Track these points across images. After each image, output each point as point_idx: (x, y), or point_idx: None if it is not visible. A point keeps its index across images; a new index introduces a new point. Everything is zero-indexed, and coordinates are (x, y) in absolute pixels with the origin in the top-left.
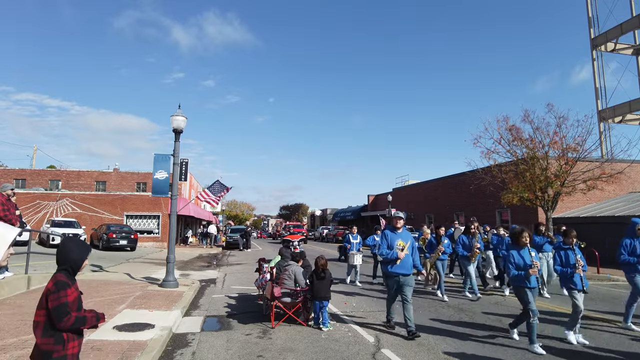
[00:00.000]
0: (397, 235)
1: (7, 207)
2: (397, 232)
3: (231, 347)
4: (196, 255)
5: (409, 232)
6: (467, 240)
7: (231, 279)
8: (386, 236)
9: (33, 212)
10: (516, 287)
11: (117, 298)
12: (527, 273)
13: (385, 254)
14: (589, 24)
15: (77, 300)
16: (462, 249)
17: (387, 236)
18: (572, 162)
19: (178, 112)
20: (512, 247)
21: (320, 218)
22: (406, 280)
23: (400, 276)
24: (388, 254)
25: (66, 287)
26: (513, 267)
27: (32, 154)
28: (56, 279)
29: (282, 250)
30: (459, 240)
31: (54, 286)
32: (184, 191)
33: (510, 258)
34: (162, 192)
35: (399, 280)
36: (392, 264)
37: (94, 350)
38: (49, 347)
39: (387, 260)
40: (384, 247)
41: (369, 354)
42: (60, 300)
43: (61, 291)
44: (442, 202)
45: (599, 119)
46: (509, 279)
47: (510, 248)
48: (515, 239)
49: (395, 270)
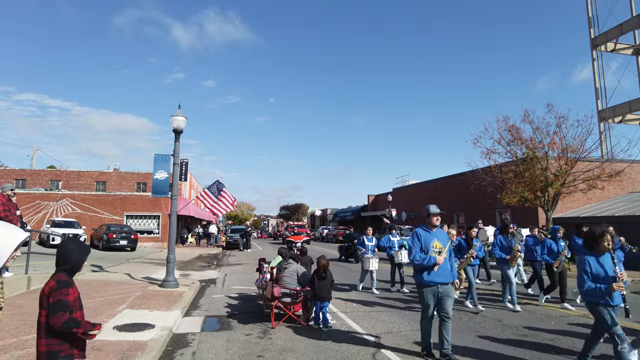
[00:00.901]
0: (431, 235)
1: (8, 207)
2: (432, 232)
3: (231, 347)
4: (196, 256)
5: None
6: (506, 242)
7: (231, 279)
8: (419, 236)
9: (33, 212)
10: (591, 304)
11: (117, 298)
12: (609, 287)
13: (420, 259)
14: (589, 24)
15: (78, 300)
16: (500, 252)
17: (420, 237)
18: (572, 162)
19: (178, 112)
20: (588, 253)
21: (320, 218)
22: (446, 290)
23: (439, 286)
24: (423, 259)
25: (68, 286)
26: (589, 279)
27: (32, 154)
28: (58, 278)
29: (281, 250)
30: (496, 242)
31: (56, 284)
32: (184, 191)
33: (585, 266)
34: (162, 192)
35: (437, 291)
36: (428, 271)
37: (94, 350)
38: (55, 347)
39: (422, 267)
40: (416, 250)
41: (369, 354)
42: (62, 297)
43: (63, 289)
44: (442, 202)
45: (599, 119)
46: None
47: (585, 253)
48: (593, 242)
49: (433, 279)
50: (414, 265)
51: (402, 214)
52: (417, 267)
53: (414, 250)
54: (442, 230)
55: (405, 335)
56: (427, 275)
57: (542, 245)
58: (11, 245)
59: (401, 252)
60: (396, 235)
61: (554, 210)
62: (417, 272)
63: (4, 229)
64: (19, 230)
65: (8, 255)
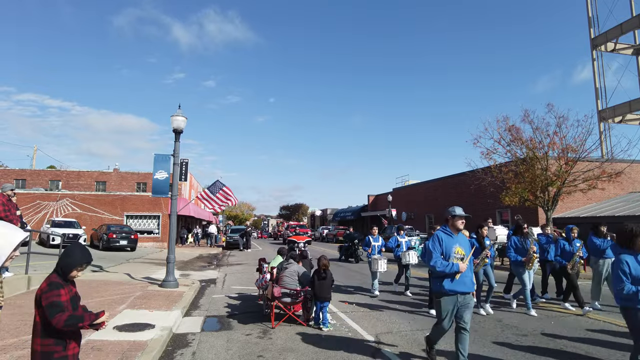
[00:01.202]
0: (453, 239)
1: (8, 207)
2: (454, 236)
3: (231, 347)
4: (196, 256)
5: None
6: (521, 243)
7: (231, 279)
8: (440, 241)
9: (33, 212)
10: (627, 309)
11: (118, 298)
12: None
13: (441, 266)
14: (589, 24)
15: (72, 301)
16: (515, 253)
17: (442, 241)
18: (572, 162)
19: (178, 112)
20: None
21: (320, 218)
22: (465, 300)
23: (459, 295)
24: (445, 267)
25: (59, 287)
26: (628, 280)
27: (32, 154)
28: (50, 279)
29: (281, 250)
30: (510, 243)
31: (47, 286)
32: (184, 191)
33: (623, 266)
34: (162, 192)
35: (456, 301)
36: (449, 279)
37: (94, 350)
38: (49, 347)
39: (442, 275)
40: (437, 256)
41: (369, 354)
42: (54, 299)
43: (54, 290)
44: (442, 202)
45: (599, 119)
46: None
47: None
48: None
49: (455, 288)
50: (432, 272)
51: (402, 214)
52: (436, 274)
53: (434, 256)
54: (463, 235)
55: (405, 335)
56: (448, 283)
57: (556, 245)
58: (10, 244)
59: (409, 253)
60: (404, 236)
61: (554, 210)
62: (436, 279)
63: (3, 229)
64: (18, 230)
65: (7, 254)
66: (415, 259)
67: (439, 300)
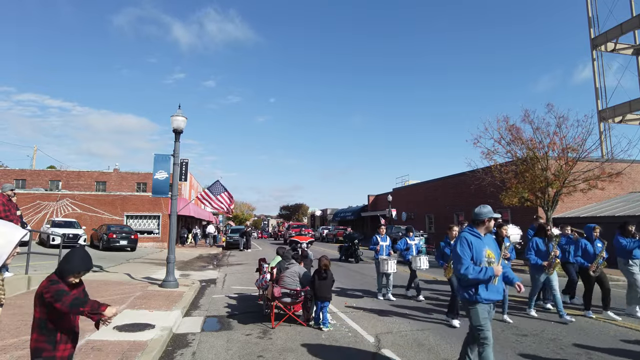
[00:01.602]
0: (482, 242)
1: (8, 207)
2: (482, 238)
3: (231, 347)
4: (196, 256)
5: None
6: (544, 245)
7: (231, 279)
8: (469, 243)
9: (33, 213)
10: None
11: (118, 298)
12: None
13: (474, 272)
14: (589, 24)
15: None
16: (535, 256)
17: (471, 244)
18: (572, 162)
19: (178, 113)
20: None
21: (320, 218)
22: (492, 309)
23: (492, 304)
24: (479, 273)
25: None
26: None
27: (33, 154)
28: (50, 277)
29: (280, 250)
30: (532, 245)
31: (48, 282)
32: (184, 191)
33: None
34: (162, 192)
35: (489, 311)
36: (485, 285)
37: (94, 350)
38: (40, 344)
39: (473, 282)
40: (468, 262)
41: (369, 354)
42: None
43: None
44: (442, 202)
45: (599, 119)
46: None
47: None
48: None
49: (490, 297)
50: (462, 280)
51: (402, 214)
52: (468, 282)
53: (465, 262)
54: (491, 236)
55: (405, 335)
56: (484, 291)
57: (577, 245)
58: (11, 242)
59: (420, 258)
60: (414, 238)
61: (554, 211)
62: (467, 288)
63: (3, 228)
64: (17, 227)
65: (8, 253)
66: (426, 264)
67: (472, 309)
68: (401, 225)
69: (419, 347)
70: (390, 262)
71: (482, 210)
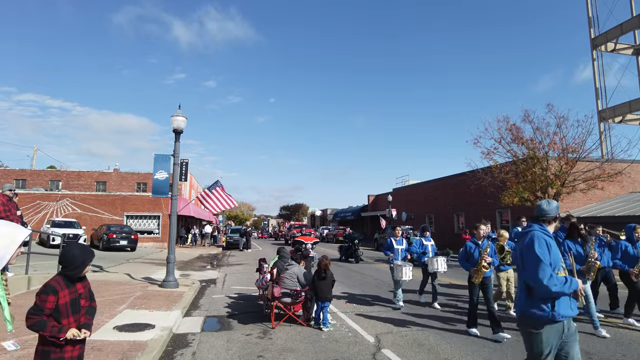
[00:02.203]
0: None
1: (9, 207)
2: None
3: (231, 348)
4: (196, 256)
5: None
6: (581, 248)
7: (231, 279)
8: (549, 247)
9: (33, 213)
10: None
11: (118, 298)
12: None
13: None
14: (589, 24)
15: (68, 304)
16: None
17: (550, 247)
18: (572, 162)
19: (178, 113)
20: None
21: (321, 218)
22: (571, 326)
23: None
24: (564, 285)
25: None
26: None
27: (33, 154)
28: (48, 282)
29: (279, 250)
30: (564, 248)
31: (42, 288)
32: (184, 191)
33: None
34: (163, 192)
35: (562, 330)
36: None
37: (94, 350)
38: (46, 347)
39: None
40: (549, 268)
41: (369, 354)
42: (38, 303)
43: (42, 295)
44: (442, 202)
45: (599, 119)
46: None
47: None
48: None
49: (567, 313)
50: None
51: (402, 214)
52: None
53: (548, 269)
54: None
55: (405, 335)
56: (566, 307)
57: (616, 248)
58: (15, 243)
59: (437, 260)
60: (430, 239)
61: None
62: (538, 302)
63: (6, 228)
64: (20, 227)
65: (12, 253)
66: (444, 266)
67: (537, 333)
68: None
69: (419, 347)
70: (405, 268)
71: (552, 205)
